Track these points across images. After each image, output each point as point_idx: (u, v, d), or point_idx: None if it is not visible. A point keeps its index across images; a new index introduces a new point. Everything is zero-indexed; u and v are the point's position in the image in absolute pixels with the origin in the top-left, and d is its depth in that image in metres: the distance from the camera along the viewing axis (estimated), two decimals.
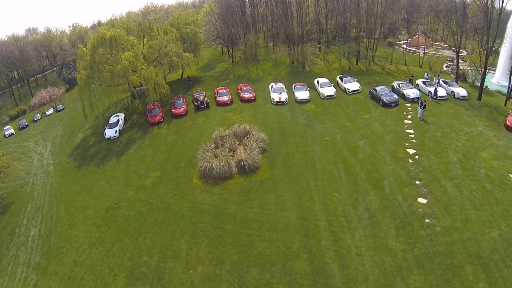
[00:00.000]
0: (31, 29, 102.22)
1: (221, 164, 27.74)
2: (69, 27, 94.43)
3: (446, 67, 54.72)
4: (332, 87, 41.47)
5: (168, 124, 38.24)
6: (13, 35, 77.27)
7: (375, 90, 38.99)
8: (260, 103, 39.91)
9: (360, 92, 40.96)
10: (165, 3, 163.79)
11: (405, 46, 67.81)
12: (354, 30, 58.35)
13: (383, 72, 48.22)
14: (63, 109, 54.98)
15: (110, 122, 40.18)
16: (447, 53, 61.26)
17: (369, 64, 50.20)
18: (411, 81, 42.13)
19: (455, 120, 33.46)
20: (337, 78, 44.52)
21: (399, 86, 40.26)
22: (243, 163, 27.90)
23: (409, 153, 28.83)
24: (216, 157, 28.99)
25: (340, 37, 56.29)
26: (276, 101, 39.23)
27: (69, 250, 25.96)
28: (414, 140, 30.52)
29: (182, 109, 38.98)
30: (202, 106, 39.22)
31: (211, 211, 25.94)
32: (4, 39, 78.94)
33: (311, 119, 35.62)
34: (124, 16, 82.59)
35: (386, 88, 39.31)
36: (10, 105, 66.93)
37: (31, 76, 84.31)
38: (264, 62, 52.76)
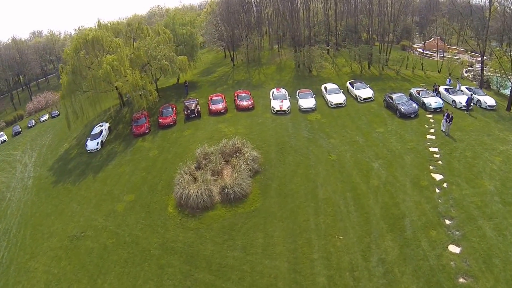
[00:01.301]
0: (36, 32, 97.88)
1: (200, 191, 21.51)
2: (75, 30, 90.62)
3: (466, 73, 47.20)
4: (342, 94, 34.71)
5: (154, 136, 32.25)
6: (13, 38, 73.53)
7: (391, 98, 32.14)
8: (258, 112, 33.54)
9: (373, 100, 34.09)
10: (172, 5, 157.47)
11: (420, 50, 60.46)
12: (365, 33, 51.49)
13: (398, 78, 41.05)
14: (58, 115, 49.85)
15: (92, 132, 34.51)
16: (465, 57, 53.94)
17: (382, 68, 43.13)
18: (436, 91, 35.06)
19: (486, 136, 26.42)
20: (347, 84, 37.65)
21: (418, 93, 33.22)
22: (227, 190, 21.70)
23: (435, 179, 22.03)
24: (196, 181, 22.96)
25: (351, 39, 49.42)
26: (277, 110, 32.76)
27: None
28: (440, 162, 23.65)
29: (169, 118, 33.05)
30: (192, 115, 33.15)
31: (184, 252, 19.75)
32: (5, 42, 75.38)
33: (316, 132, 29.02)
34: (131, 18, 77.62)
35: (404, 96, 32.36)
36: (9, 110, 62.80)
37: (33, 80, 79.36)
38: (268, 66, 46.26)
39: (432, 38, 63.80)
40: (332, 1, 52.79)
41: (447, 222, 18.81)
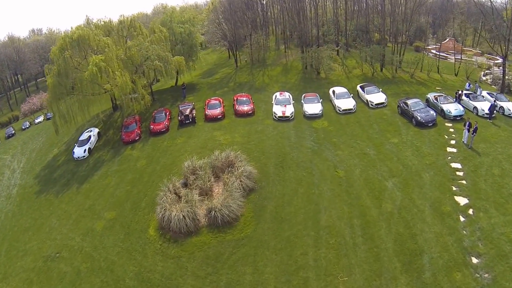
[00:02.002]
0: (35, 30, 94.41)
1: (183, 214, 18.31)
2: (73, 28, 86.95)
3: (484, 76, 42.95)
4: (351, 99, 31.07)
5: (144, 144, 29.21)
6: (9, 36, 70.71)
7: (406, 104, 28.46)
8: (259, 118, 30.16)
9: (386, 105, 30.41)
10: (178, 3, 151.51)
11: (434, 51, 56.26)
12: (377, 34, 47.69)
13: (413, 81, 37.16)
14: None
15: (80, 138, 31.62)
16: (481, 60, 49.55)
17: (395, 70, 39.21)
18: (459, 98, 30.56)
19: None
20: (358, 88, 34.03)
21: (436, 99, 29.43)
22: (214, 214, 18.46)
23: (458, 204, 18.41)
24: (180, 200, 19.89)
25: (362, 39, 45.65)
26: (279, 116, 29.28)
27: None
28: (464, 182, 20.01)
29: (162, 125, 29.90)
30: (187, 121, 30.02)
31: (161, 285, 16.64)
32: (2, 40, 72.72)
33: (322, 142, 25.52)
34: (136, 16, 74.67)
35: (420, 102, 28.59)
36: (5, 111, 60.66)
37: (32, 79, 76.00)
38: (273, 67, 42.78)
39: (447, 39, 59.66)
40: (342, 0, 49.21)
41: (474, 260, 15.28)
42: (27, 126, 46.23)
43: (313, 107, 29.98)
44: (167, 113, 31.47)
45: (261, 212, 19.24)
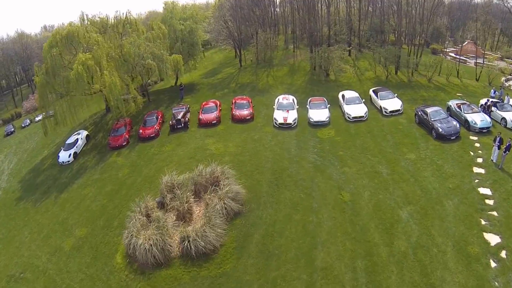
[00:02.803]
0: (47, 27, 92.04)
1: (151, 243, 15.00)
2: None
3: (506, 82, 38.14)
4: (363, 104, 27.05)
5: (130, 150, 25.94)
6: (19, 32, 67.90)
7: (425, 113, 24.35)
8: (258, 124, 26.51)
9: (402, 113, 26.47)
10: (188, 1, 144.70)
11: (453, 55, 51.33)
12: (392, 35, 43.36)
13: (431, 86, 32.69)
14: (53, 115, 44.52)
15: (67, 141, 28.63)
16: (503, 64, 44.56)
17: (412, 74, 34.80)
18: (488, 109, 25.82)
19: None
20: (371, 92, 29.90)
21: (459, 107, 25.16)
22: (187, 244, 15.01)
23: (488, 243, 14.42)
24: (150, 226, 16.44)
25: (375, 39, 41.36)
26: (280, 123, 25.57)
27: None
28: (495, 213, 15.97)
29: (151, 129, 26.58)
30: (179, 126, 26.67)
31: None
32: (12, 36, 71.14)
33: (326, 155, 21.70)
34: (148, 15, 71.75)
35: (441, 111, 24.38)
36: (10, 107, 58.91)
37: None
38: (279, 68, 38.96)
39: (466, 42, 54.64)
40: (356, 1, 44.90)
41: None
42: (27, 124, 43.86)
43: (319, 114, 26.16)
44: (159, 116, 28.11)
45: (246, 243, 15.66)
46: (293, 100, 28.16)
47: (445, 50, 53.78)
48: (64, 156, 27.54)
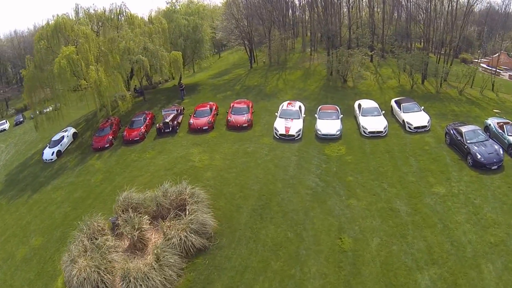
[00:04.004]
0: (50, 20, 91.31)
1: (84, 277, 10.55)
2: None
3: None
4: (382, 117, 21.01)
5: (112, 153, 21.27)
6: (34, 26, 66.71)
7: (459, 132, 17.92)
8: (255, 133, 21.05)
9: (429, 130, 20.33)
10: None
11: (485, 66, 43.41)
12: (418, 43, 36.69)
13: (462, 99, 25.91)
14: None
15: (53, 138, 24.50)
16: None
17: (440, 84, 27.99)
18: None
19: None
20: (392, 103, 23.58)
21: (501, 128, 18.44)
22: (126, 285, 10.22)
23: None
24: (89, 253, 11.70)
25: (400, 44, 34.69)
26: (281, 134, 20.00)
27: None
28: None
29: (136, 132, 21.85)
30: (166, 130, 21.80)
31: None
32: (29, 29, 69.37)
33: (331, 179, 15.96)
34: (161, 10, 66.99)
35: (480, 132, 17.85)
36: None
37: None
38: (292, 71, 33.08)
39: (498, 53, 46.47)
40: (380, 5, 38.31)
41: None
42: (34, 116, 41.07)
43: (329, 125, 20.29)
44: (148, 118, 23.31)
45: None
46: (299, 107, 22.41)
47: (477, 60, 45.96)
48: (48, 153, 23.46)
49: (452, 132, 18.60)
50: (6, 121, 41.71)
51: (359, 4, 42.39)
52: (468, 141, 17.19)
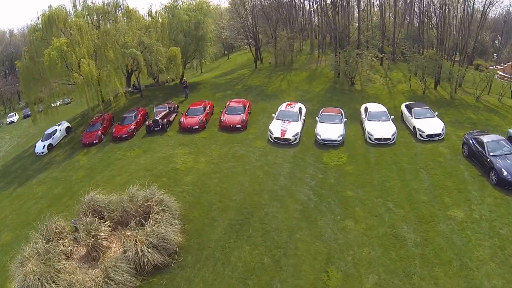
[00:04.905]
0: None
1: (29, 284, 8.27)
2: None
3: None
4: (390, 122, 17.62)
5: (99, 150, 18.65)
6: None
7: (480, 143, 14.23)
8: (249, 135, 17.94)
9: (443, 138, 16.85)
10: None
11: (501, 73, 38.55)
12: (431, 49, 32.66)
13: (480, 106, 21.98)
14: (69, 102, 36.95)
15: (46, 132, 22.34)
16: None
17: (455, 90, 24.01)
18: None
19: None
20: (403, 107, 20.02)
21: None
22: None
23: None
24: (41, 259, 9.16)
25: (412, 46, 30.68)
26: (276, 137, 16.88)
27: None
28: None
29: (124, 129, 19.20)
30: (156, 128, 19.07)
31: None
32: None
33: (327, 194, 12.74)
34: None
35: (504, 142, 14.07)
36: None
37: None
38: (298, 72, 29.64)
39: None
40: (392, 9, 34.38)
41: None
42: (41, 109, 39.43)
43: (330, 130, 16.98)
44: (139, 115, 20.66)
45: None
46: (299, 109, 19.10)
47: (492, 67, 41.19)
48: (39, 146, 21.33)
49: (471, 142, 15.01)
50: (15, 113, 40.34)
51: (370, 8, 38.57)
52: (491, 154, 13.61)
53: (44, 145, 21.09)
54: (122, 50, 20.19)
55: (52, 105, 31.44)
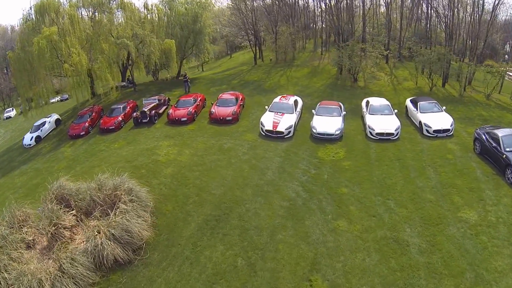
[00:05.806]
0: None
1: None
2: None
3: None
4: (394, 116, 15.73)
5: (85, 142, 17.23)
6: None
7: (493, 137, 12.19)
8: (240, 128, 16.28)
9: (452, 134, 14.87)
10: None
11: (511, 74, 36.16)
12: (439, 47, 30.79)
13: (491, 104, 19.93)
14: (67, 99, 35.35)
15: (35, 124, 21.17)
16: None
17: (464, 88, 22.04)
18: None
19: None
20: (408, 102, 18.11)
21: None
22: None
23: None
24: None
25: (418, 42, 28.63)
26: (267, 130, 15.20)
27: None
28: None
29: (112, 121, 17.74)
30: (144, 120, 17.56)
31: None
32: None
33: (318, 190, 10.92)
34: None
35: None
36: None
37: None
38: (299, 68, 27.79)
39: None
40: (398, 8, 32.43)
41: None
42: (43, 103, 38.32)
43: (327, 123, 15.18)
44: (128, 107, 19.14)
45: None
46: (294, 101, 17.23)
47: (503, 68, 38.70)
48: (27, 138, 20.12)
49: (484, 137, 13.03)
50: (13, 109, 39.59)
51: (376, 8, 36.65)
52: (508, 149, 11.63)
53: (32, 137, 19.87)
54: (114, 40, 18.86)
55: (50, 100, 30.19)
